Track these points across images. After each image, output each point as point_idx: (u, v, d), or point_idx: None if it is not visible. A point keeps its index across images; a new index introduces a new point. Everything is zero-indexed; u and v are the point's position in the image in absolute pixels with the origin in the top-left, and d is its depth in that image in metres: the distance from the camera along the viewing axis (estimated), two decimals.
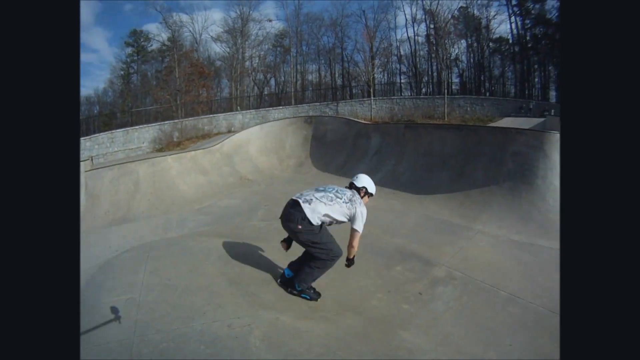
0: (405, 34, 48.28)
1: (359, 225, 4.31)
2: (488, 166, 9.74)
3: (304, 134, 14.97)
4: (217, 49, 48.56)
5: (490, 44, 45.90)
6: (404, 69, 49.63)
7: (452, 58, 43.30)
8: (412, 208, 9.04)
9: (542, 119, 22.88)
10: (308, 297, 4.54)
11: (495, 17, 44.86)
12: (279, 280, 4.76)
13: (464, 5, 43.95)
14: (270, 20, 49.10)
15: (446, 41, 40.12)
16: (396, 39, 48.42)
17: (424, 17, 44.35)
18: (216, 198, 10.33)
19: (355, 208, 4.36)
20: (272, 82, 53.08)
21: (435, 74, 37.29)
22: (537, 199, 8.76)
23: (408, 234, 7.23)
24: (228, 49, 46.59)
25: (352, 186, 4.73)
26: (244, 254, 5.55)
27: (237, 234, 6.75)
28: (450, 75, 42.93)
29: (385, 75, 49.79)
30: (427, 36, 42.49)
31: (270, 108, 36.29)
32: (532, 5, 43.89)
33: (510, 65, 46.47)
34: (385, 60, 47.31)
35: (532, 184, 9.19)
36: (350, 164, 12.91)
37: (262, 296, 4.46)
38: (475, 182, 9.73)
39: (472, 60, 46.93)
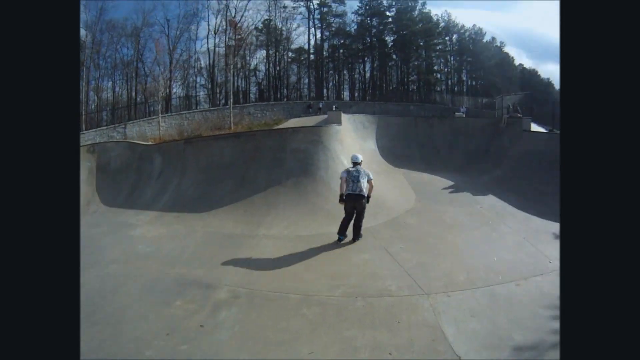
0: (206, 45, 47.16)
1: (373, 177, 7.87)
2: (269, 168, 10.13)
3: (87, 166, 13.83)
4: None
5: (290, 53, 50.94)
6: (203, 81, 49.30)
7: (251, 68, 47.33)
8: (196, 228, 8.87)
9: (324, 116, 24.18)
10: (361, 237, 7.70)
11: (297, 29, 49.99)
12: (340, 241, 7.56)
13: (268, 18, 47.72)
14: None
15: (246, 52, 43.09)
16: (195, 51, 47.27)
17: (226, 28, 44.71)
18: None
19: (368, 174, 7.80)
20: None
21: (232, 84, 37.92)
22: (323, 189, 9.40)
23: (190, 259, 7.01)
24: None
25: (355, 165, 7.94)
26: None
27: None
28: (248, 84, 47.51)
29: (185, 88, 48.08)
30: (227, 47, 42.33)
31: None
32: (332, 19, 51.46)
33: (306, 72, 52.22)
34: (184, 73, 46.45)
35: (315, 175, 9.92)
36: (139, 189, 12.60)
37: None
38: (258, 187, 9.93)
39: (270, 69, 50.31)
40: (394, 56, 55.43)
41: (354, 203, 7.50)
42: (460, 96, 51.55)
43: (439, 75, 57.31)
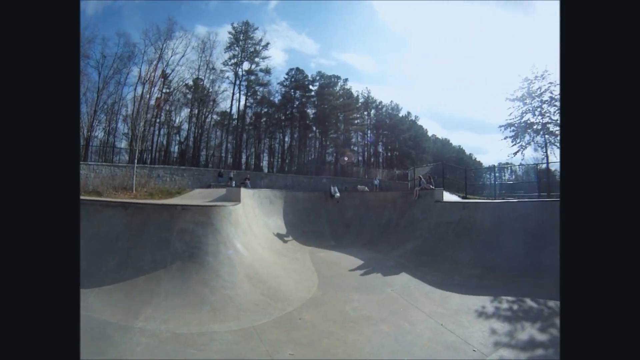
0: (133, 93, 43.22)
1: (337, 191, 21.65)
2: (155, 248, 9.16)
3: None
4: None
5: (214, 116, 51.28)
6: (125, 129, 44.88)
7: (175, 125, 46.71)
8: None
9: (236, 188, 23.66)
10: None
11: (223, 92, 50.50)
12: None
13: (199, 77, 47.77)
14: None
15: (172, 107, 42.79)
16: (121, 97, 43.64)
17: (157, 79, 42.24)
18: None
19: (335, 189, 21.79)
20: None
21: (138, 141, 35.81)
22: (210, 278, 8.67)
23: None
24: None
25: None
26: None
27: None
28: (170, 143, 46.51)
29: (106, 135, 44.56)
30: (156, 99, 41.05)
31: None
32: (258, 88, 53.13)
33: (228, 137, 52.24)
34: (107, 118, 43.59)
35: (202, 262, 9.12)
36: None
37: None
38: (143, 268, 8.96)
39: (193, 129, 49.52)
40: (314, 128, 56.79)
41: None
42: (376, 168, 53.47)
43: (355, 148, 59.23)
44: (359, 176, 46.03)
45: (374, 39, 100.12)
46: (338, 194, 21.42)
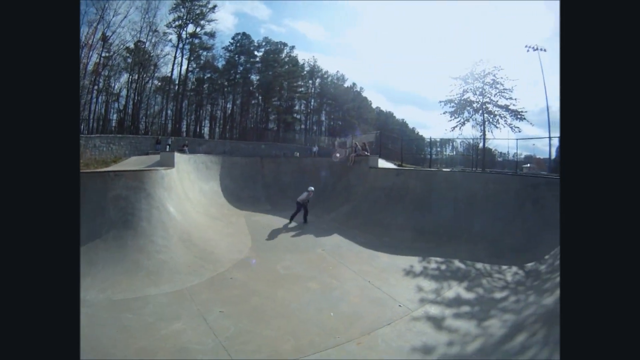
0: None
1: (301, 197, 14.41)
2: (91, 217, 8.76)
3: None
4: None
5: (155, 82, 47.79)
6: None
7: (114, 92, 43.73)
8: None
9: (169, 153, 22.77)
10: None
11: (165, 57, 47.12)
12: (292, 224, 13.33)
13: (141, 40, 44.60)
14: None
15: (112, 73, 40.28)
16: None
17: (97, 42, 40.28)
18: None
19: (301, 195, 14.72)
20: None
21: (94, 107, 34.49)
22: (145, 243, 8.61)
23: None
24: None
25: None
26: None
27: None
28: (108, 110, 43.49)
29: None
30: (96, 64, 38.91)
31: None
32: (202, 52, 50.23)
33: (169, 103, 49.27)
34: None
35: (136, 228, 9.00)
36: None
37: None
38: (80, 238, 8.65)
39: (133, 96, 46.66)
40: (257, 95, 55.41)
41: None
42: (318, 136, 52.84)
43: (298, 116, 58.48)
44: (300, 143, 45.67)
45: (327, 8, 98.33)
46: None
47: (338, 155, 21.12)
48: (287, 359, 5.02)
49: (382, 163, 18.56)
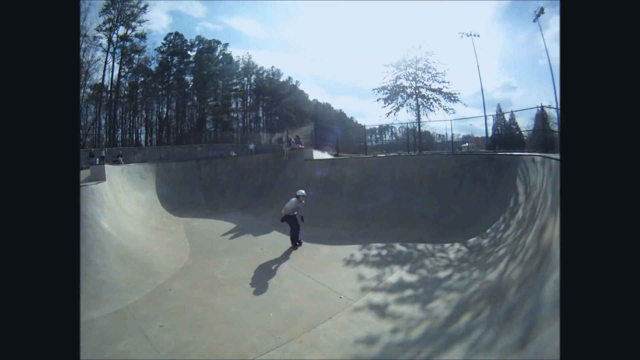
0: None
1: (286, 205, 10.29)
2: None
3: None
4: None
5: (87, 90, 45.93)
6: None
7: None
8: None
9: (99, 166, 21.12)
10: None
11: (96, 62, 45.56)
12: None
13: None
14: None
15: None
16: None
17: None
18: None
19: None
20: None
21: None
22: (83, 265, 8.10)
23: None
24: None
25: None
26: None
27: None
28: None
29: None
30: None
31: None
32: (134, 55, 48.75)
33: (102, 112, 47.58)
34: None
35: None
36: None
37: None
38: None
39: None
40: (194, 96, 54.10)
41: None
42: (257, 133, 52.29)
43: (234, 115, 57.61)
44: (237, 142, 44.64)
45: (263, 4, 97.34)
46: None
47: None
48: None
49: (318, 154, 18.56)
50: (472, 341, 4.42)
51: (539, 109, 18.21)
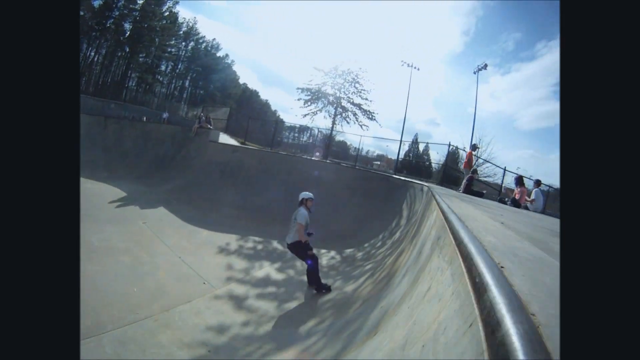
0: None
1: (299, 220, 7.06)
2: None
3: None
4: None
5: None
6: None
7: None
8: None
9: None
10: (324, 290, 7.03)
11: None
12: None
13: None
14: None
15: None
16: None
17: None
18: None
19: (296, 216, 7.18)
20: None
21: None
22: None
23: None
24: None
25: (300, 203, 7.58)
26: None
27: None
28: None
29: None
30: None
31: None
32: None
33: None
34: None
35: None
36: None
37: None
38: None
39: None
40: (126, 48, 50.94)
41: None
42: (179, 102, 50.53)
43: (160, 78, 55.19)
44: (153, 107, 42.83)
45: None
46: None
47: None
48: None
49: (226, 139, 18.47)
50: (305, 346, 4.72)
51: (449, 146, 19.51)
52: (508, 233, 3.20)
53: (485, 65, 37.54)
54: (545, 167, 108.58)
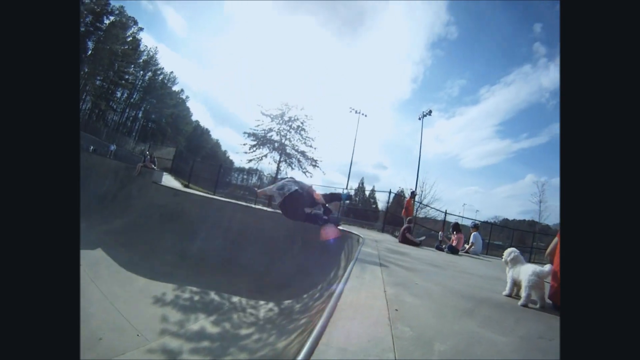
0: None
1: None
2: None
3: None
4: None
5: None
6: None
7: None
8: None
9: None
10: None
11: None
12: None
13: None
14: None
15: None
16: None
17: None
18: None
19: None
20: None
21: None
22: None
23: None
24: None
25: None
26: None
27: None
28: None
29: None
30: None
31: None
32: None
33: None
34: None
35: None
36: None
37: None
38: None
39: None
40: (84, 67, 49.71)
41: None
42: (129, 135, 49.55)
43: (114, 106, 54.08)
44: (102, 137, 41.82)
45: (203, 4, 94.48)
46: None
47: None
48: None
49: (169, 180, 18.44)
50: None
51: (389, 194, 20.91)
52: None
53: (430, 112, 41.62)
54: (489, 201, 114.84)
